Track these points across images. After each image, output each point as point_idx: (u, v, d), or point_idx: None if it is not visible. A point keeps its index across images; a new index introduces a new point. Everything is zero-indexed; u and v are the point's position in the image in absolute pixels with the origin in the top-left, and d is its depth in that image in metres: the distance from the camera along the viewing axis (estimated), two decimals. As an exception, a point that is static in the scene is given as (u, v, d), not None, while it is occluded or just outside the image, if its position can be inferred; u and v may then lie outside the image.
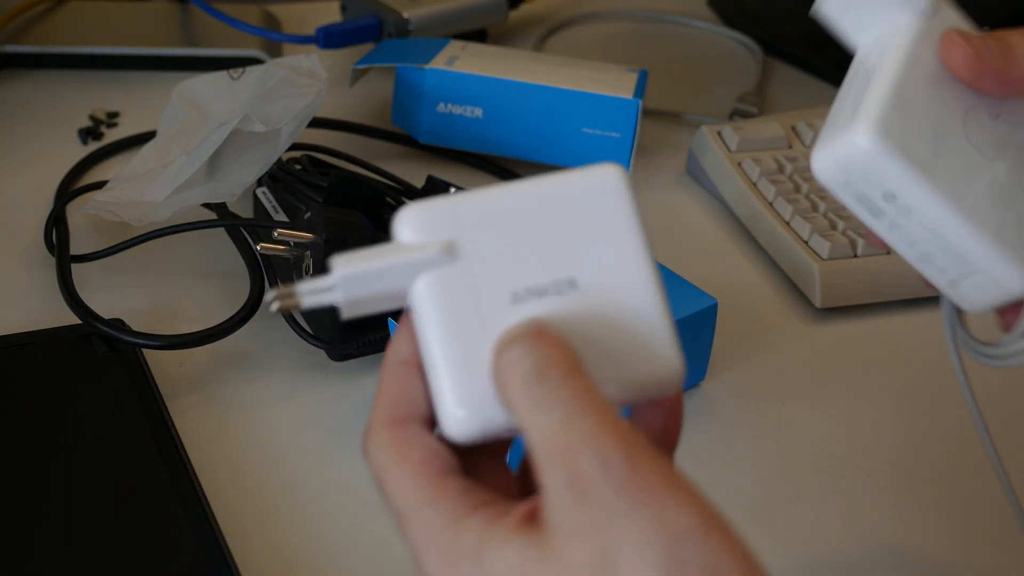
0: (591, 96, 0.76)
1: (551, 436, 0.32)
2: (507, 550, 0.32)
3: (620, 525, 0.30)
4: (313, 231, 0.60)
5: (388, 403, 0.38)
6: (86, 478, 0.53)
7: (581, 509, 0.31)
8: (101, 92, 0.85)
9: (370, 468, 0.37)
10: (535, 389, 0.33)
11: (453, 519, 0.34)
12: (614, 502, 0.30)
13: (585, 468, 0.31)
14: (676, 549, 0.30)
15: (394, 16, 0.86)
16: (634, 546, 0.30)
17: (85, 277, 0.65)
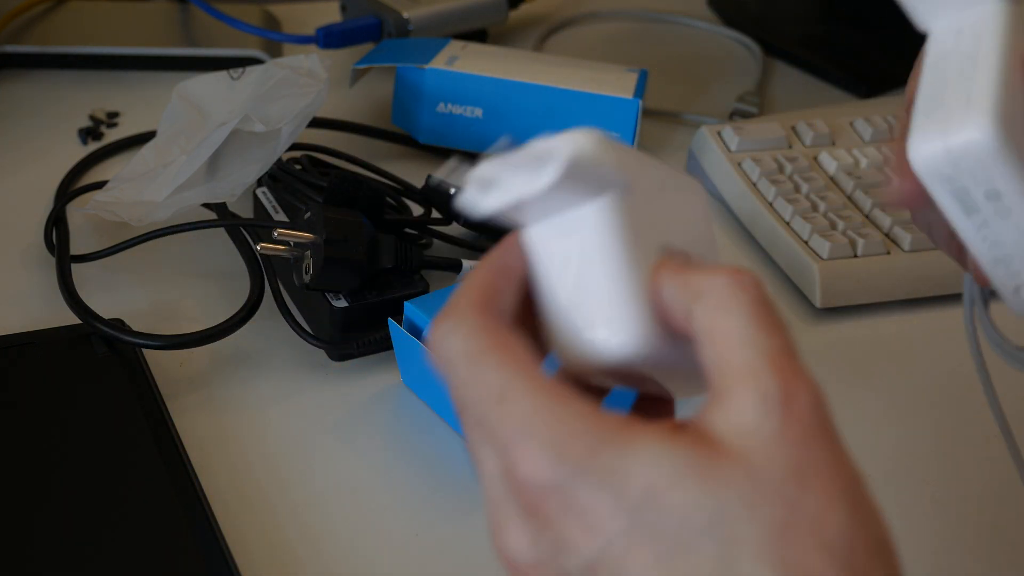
0: (591, 96, 0.76)
1: (775, 354, 0.32)
2: (662, 450, 0.31)
3: (821, 447, 0.31)
4: (313, 231, 0.60)
5: (482, 292, 0.35)
6: (86, 478, 0.53)
7: (784, 422, 0.31)
8: (101, 92, 0.85)
9: (443, 353, 0.35)
10: (763, 311, 0.33)
11: (575, 412, 0.32)
12: (817, 428, 0.31)
13: (799, 391, 0.32)
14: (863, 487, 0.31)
15: (394, 16, 0.86)
16: (831, 470, 0.31)
17: (85, 277, 0.65)
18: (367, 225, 0.62)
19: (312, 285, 0.61)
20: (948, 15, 0.40)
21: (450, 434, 0.59)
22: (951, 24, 0.40)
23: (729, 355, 0.32)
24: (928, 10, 0.40)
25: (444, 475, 0.57)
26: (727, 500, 0.31)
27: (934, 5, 0.40)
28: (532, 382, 0.33)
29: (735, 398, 0.32)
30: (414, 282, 0.63)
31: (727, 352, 0.33)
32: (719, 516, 0.30)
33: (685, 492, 0.31)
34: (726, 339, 0.33)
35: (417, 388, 0.61)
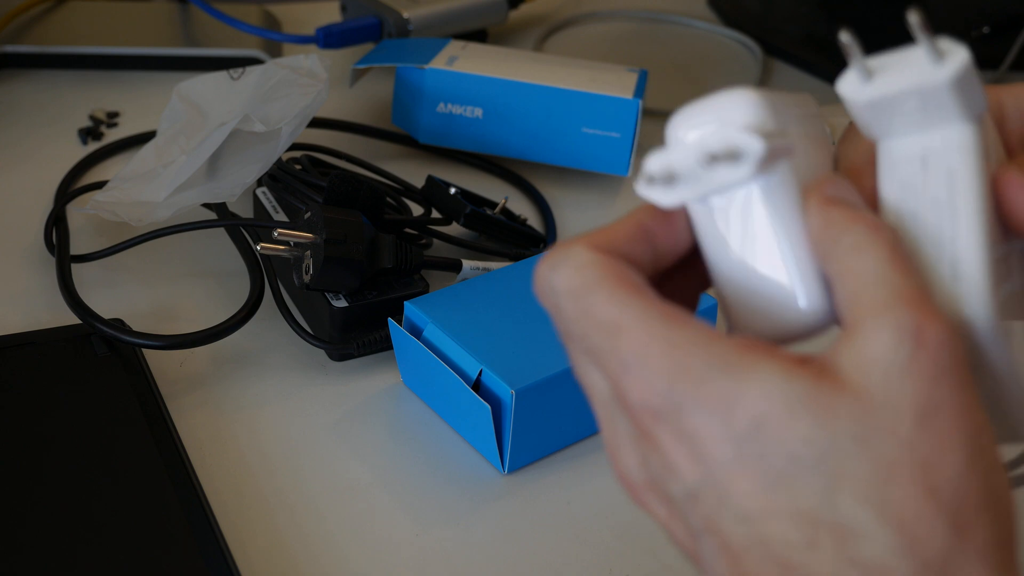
0: (591, 96, 0.76)
1: (911, 293, 0.32)
2: (777, 380, 0.31)
3: (950, 386, 0.31)
4: (313, 231, 0.60)
5: (602, 233, 0.35)
6: (86, 478, 0.53)
7: (914, 356, 0.30)
8: (101, 92, 0.85)
9: (548, 289, 0.34)
10: (899, 255, 0.33)
11: (690, 337, 0.32)
12: (949, 367, 0.31)
13: (934, 327, 0.31)
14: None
15: (394, 16, 0.86)
16: (955, 412, 0.31)
17: (85, 277, 0.65)
18: (367, 225, 0.62)
19: (312, 285, 0.61)
20: (908, 135, 0.35)
21: (450, 434, 0.59)
22: (912, 147, 0.35)
23: (863, 293, 0.32)
24: (884, 129, 0.36)
25: (444, 475, 0.57)
26: (837, 434, 0.30)
27: (892, 125, 0.35)
28: (646, 309, 0.33)
29: (866, 332, 0.31)
30: (414, 282, 0.63)
31: (862, 290, 0.32)
32: (828, 451, 0.30)
33: (795, 424, 0.30)
34: (861, 278, 0.32)
35: (417, 388, 0.61)
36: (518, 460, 0.57)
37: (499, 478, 0.57)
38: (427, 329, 0.58)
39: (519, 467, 0.57)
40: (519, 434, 0.55)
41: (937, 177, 0.34)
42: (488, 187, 0.77)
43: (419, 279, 0.64)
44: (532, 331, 0.58)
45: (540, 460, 0.57)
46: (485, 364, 0.55)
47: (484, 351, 0.56)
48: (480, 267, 0.66)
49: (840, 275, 0.33)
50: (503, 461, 0.56)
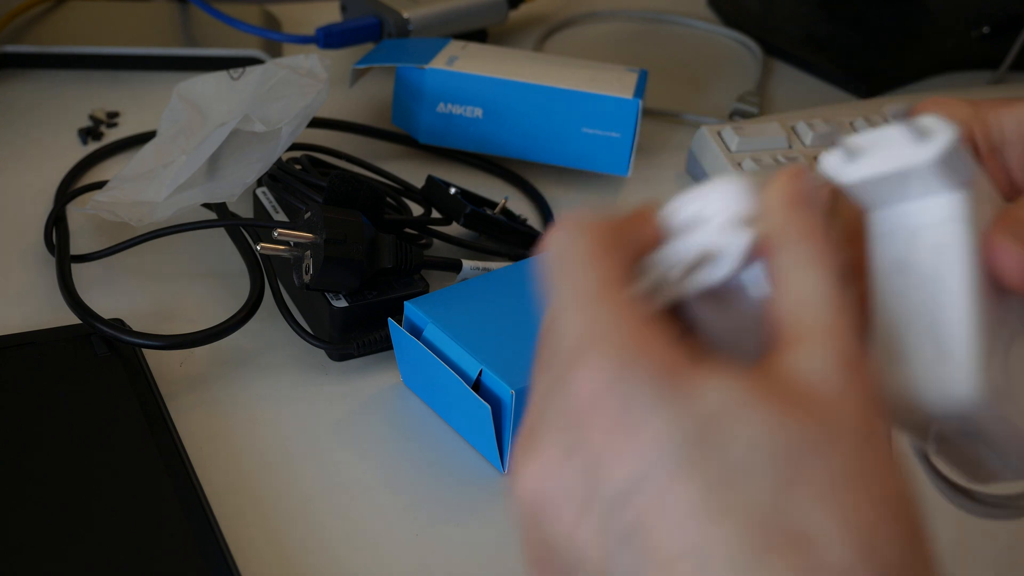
0: (591, 96, 0.76)
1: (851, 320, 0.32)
2: (733, 381, 0.31)
3: (878, 414, 0.31)
4: (313, 231, 0.60)
5: (617, 228, 0.35)
6: (86, 478, 0.53)
7: (855, 380, 0.31)
8: (101, 92, 0.85)
9: (552, 246, 0.34)
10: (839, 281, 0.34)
11: (656, 334, 0.32)
12: (877, 398, 0.31)
13: (864, 358, 0.32)
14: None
15: (394, 16, 0.86)
16: (887, 439, 0.31)
17: (85, 277, 0.66)
18: (367, 225, 0.62)
19: (312, 285, 0.61)
20: (896, 206, 0.35)
21: (450, 434, 0.59)
22: (900, 219, 0.35)
23: (804, 311, 0.32)
24: (871, 203, 0.35)
25: (444, 475, 0.57)
26: (794, 440, 0.30)
27: (879, 198, 0.35)
28: (623, 300, 0.32)
29: (809, 347, 0.31)
30: (414, 282, 0.63)
31: (805, 306, 0.32)
32: (783, 454, 0.30)
33: (752, 425, 0.30)
34: (805, 294, 0.33)
35: (417, 388, 0.61)
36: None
37: (499, 478, 0.57)
38: (427, 329, 0.58)
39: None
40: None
41: (925, 250, 0.34)
42: (488, 187, 0.77)
43: (419, 279, 0.64)
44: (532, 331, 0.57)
45: (540, 460, 0.57)
46: (485, 364, 0.56)
47: (484, 351, 0.56)
48: (480, 267, 0.66)
49: (783, 286, 0.33)
50: (503, 461, 0.56)
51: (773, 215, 0.34)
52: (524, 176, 0.79)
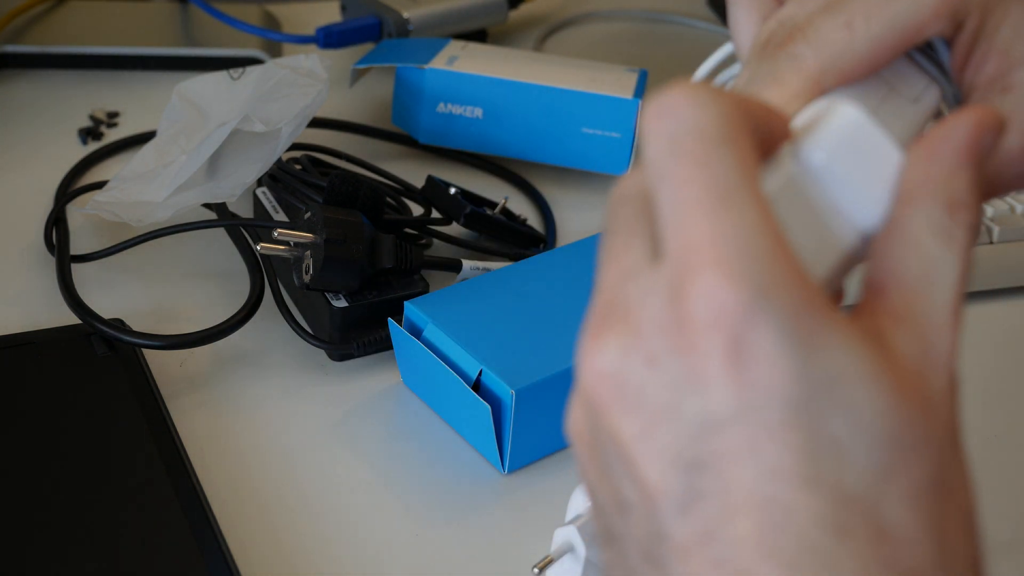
0: (591, 96, 0.76)
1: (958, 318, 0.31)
2: (865, 346, 0.28)
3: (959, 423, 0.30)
4: (313, 231, 0.60)
5: (748, 106, 0.30)
6: (86, 478, 0.53)
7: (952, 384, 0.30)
8: (101, 92, 0.85)
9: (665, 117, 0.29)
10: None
11: (797, 265, 0.28)
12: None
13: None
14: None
15: (394, 16, 0.86)
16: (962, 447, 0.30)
17: (85, 277, 0.65)
18: (367, 225, 0.62)
19: (312, 285, 0.61)
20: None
21: (450, 434, 0.59)
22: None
23: (926, 292, 0.30)
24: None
25: (444, 475, 0.57)
26: (901, 430, 0.28)
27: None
28: (763, 204, 0.28)
29: (922, 335, 0.29)
30: (414, 282, 0.63)
31: (927, 288, 0.30)
32: (888, 442, 0.28)
33: (867, 402, 0.28)
34: (931, 275, 0.30)
35: (417, 388, 0.61)
36: (518, 460, 0.57)
37: (499, 478, 0.57)
38: (427, 329, 0.58)
39: (519, 467, 0.57)
40: (519, 434, 0.55)
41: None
42: (488, 187, 0.77)
43: (419, 279, 0.64)
44: (532, 331, 0.58)
45: (540, 460, 0.57)
46: (485, 364, 0.55)
47: (484, 351, 0.56)
48: (480, 267, 0.66)
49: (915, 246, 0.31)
50: (503, 461, 0.56)
51: (938, 166, 0.31)
52: (524, 176, 0.79)
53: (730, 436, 0.28)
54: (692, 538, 0.28)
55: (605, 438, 0.29)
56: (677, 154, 0.29)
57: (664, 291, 0.28)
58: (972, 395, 0.51)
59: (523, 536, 0.54)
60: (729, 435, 0.28)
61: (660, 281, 0.29)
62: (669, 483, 0.28)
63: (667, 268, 0.29)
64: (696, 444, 0.28)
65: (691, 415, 0.28)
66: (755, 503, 0.27)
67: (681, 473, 0.28)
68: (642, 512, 0.29)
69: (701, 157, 0.29)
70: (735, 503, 0.27)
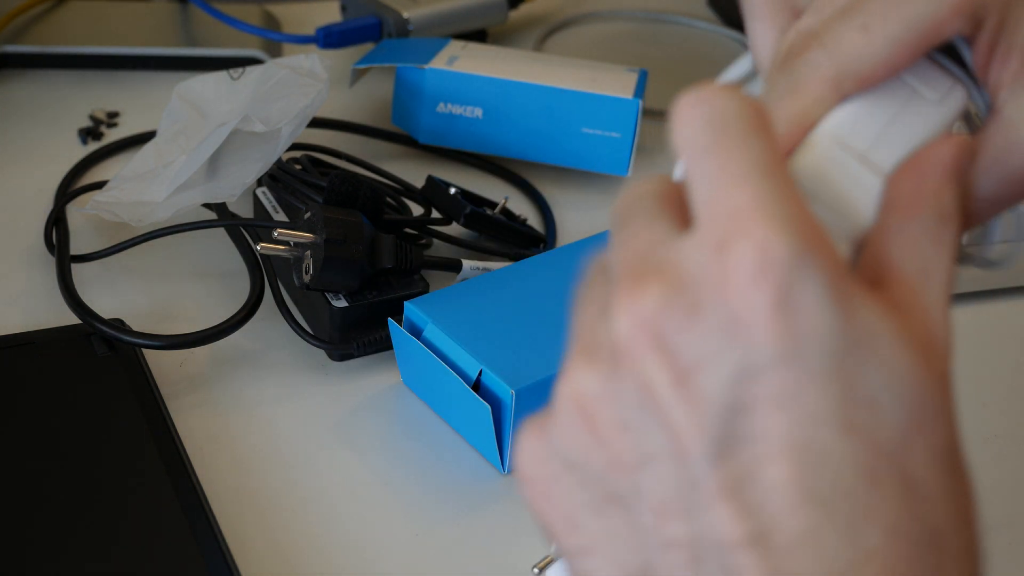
0: (591, 96, 0.76)
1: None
2: (892, 313, 0.30)
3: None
4: (313, 231, 0.60)
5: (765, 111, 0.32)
6: (86, 478, 0.53)
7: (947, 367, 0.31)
8: (101, 92, 0.85)
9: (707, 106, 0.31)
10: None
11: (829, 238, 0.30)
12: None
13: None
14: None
15: (394, 16, 0.86)
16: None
17: (85, 277, 0.65)
18: (367, 225, 0.62)
19: (312, 285, 0.61)
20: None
21: (450, 434, 0.59)
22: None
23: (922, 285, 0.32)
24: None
25: (444, 475, 0.57)
26: (925, 396, 0.29)
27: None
28: (792, 183, 0.30)
29: (926, 327, 0.31)
30: (414, 282, 0.63)
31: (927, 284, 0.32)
32: (914, 404, 0.29)
33: (897, 363, 0.29)
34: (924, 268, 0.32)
35: (417, 388, 0.61)
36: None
37: (499, 478, 0.57)
38: (427, 329, 0.58)
39: (519, 467, 0.57)
40: None
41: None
42: (488, 187, 0.77)
43: (419, 279, 0.64)
44: (532, 331, 0.58)
45: (540, 460, 0.57)
46: (485, 364, 0.55)
47: (484, 351, 0.56)
48: (480, 267, 0.66)
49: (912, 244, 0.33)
50: (503, 461, 0.56)
51: (930, 183, 0.33)
52: (524, 176, 0.79)
53: (771, 381, 0.28)
54: (728, 483, 0.28)
55: (628, 391, 0.30)
56: (718, 132, 0.31)
57: (706, 248, 0.29)
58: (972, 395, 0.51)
59: (523, 536, 0.54)
60: (770, 380, 0.28)
61: (700, 241, 0.30)
62: (706, 428, 0.29)
63: (707, 231, 0.30)
64: (736, 389, 0.28)
65: (733, 361, 0.28)
66: (793, 447, 0.28)
67: (719, 418, 0.29)
68: (670, 462, 0.29)
69: (741, 135, 0.30)
70: (773, 447, 0.28)
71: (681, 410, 0.29)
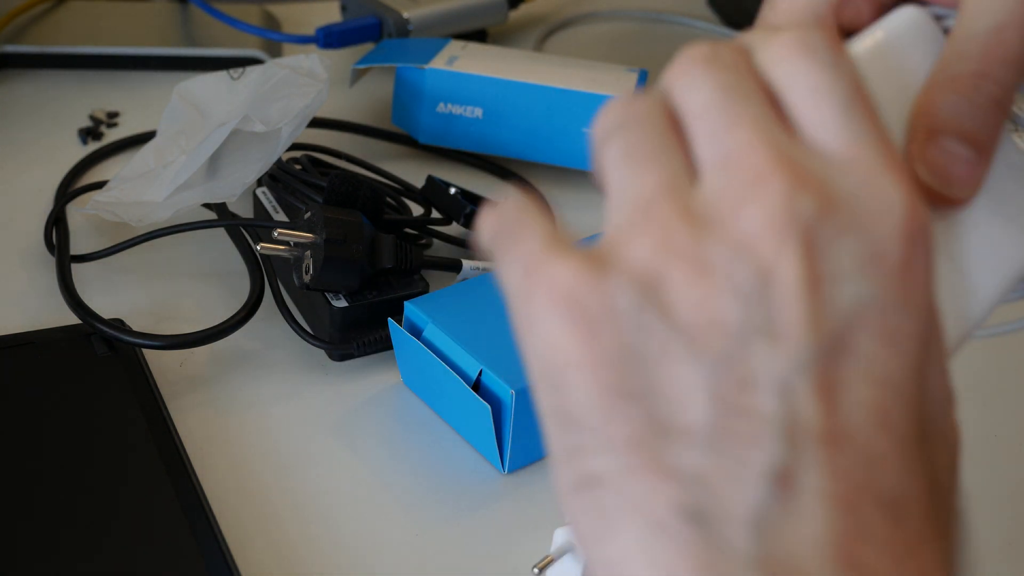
0: (591, 96, 0.76)
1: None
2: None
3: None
4: (313, 231, 0.60)
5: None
6: (86, 478, 0.53)
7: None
8: (101, 92, 0.85)
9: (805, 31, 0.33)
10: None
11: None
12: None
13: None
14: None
15: (394, 16, 0.86)
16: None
17: (85, 277, 0.65)
18: (367, 225, 0.62)
19: (312, 285, 0.61)
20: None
21: (450, 434, 0.59)
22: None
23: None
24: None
25: (444, 475, 0.57)
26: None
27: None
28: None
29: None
30: (414, 282, 0.63)
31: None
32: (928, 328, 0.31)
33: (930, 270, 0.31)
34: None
35: (417, 388, 0.61)
36: (518, 460, 0.57)
37: (499, 478, 0.57)
38: (427, 329, 0.58)
39: (519, 467, 0.57)
40: (519, 434, 0.55)
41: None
42: (488, 187, 0.77)
43: (419, 279, 0.64)
44: (532, 331, 0.58)
45: (540, 460, 0.57)
46: (485, 364, 0.55)
47: (484, 351, 0.56)
48: (480, 267, 0.66)
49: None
50: (503, 461, 0.56)
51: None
52: (524, 176, 0.79)
53: (890, 322, 0.30)
54: (825, 382, 0.29)
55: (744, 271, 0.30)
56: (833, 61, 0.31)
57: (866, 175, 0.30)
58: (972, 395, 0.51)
59: (523, 536, 0.54)
60: (889, 320, 0.30)
61: (859, 165, 0.30)
62: (821, 331, 0.29)
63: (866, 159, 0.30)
64: (858, 312, 0.29)
65: (864, 289, 0.29)
66: (889, 381, 0.30)
67: (834, 329, 0.29)
68: (773, 343, 0.29)
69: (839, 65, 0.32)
70: (874, 373, 0.29)
71: (802, 306, 0.29)
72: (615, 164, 0.32)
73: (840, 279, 0.29)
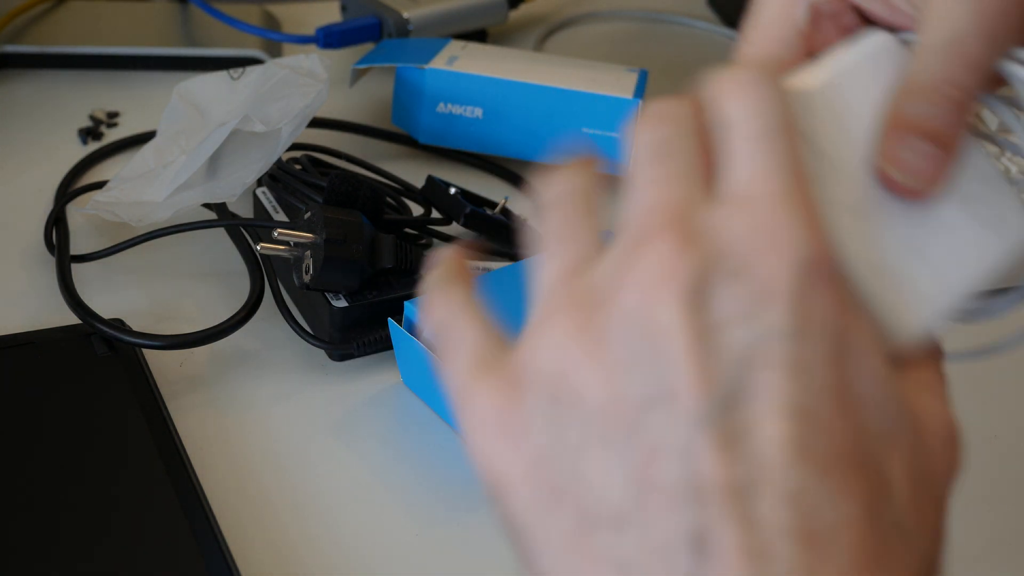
0: (591, 96, 0.76)
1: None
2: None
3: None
4: (313, 231, 0.60)
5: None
6: (86, 478, 0.53)
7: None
8: (101, 92, 0.85)
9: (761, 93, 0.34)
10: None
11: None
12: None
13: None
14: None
15: (394, 16, 0.86)
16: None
17: (85, 277, 0.65)
18: (367, 225, 0.62)
19: (312, 285, 0.61)
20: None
21: (450, 434, 0.59)
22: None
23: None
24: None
25: (444, 475, 0.57)
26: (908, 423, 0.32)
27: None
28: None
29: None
30: (414, 282, 0.63)
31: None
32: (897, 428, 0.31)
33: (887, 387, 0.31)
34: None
35: (417, 388, 0.61)
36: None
37: (499, 478, 0.57)
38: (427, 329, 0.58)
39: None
40: None
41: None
42: (488, 187, 0.77)
43: (419, 279, 0.64)
44: (532, 331, 0.58)
45: (540, 460, 0.57)
46: (485, 364, 0.55)
47: (484, 351, 0.56)
48: (480, 267, 0.66)
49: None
50: (503, 461, 0.56)
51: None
52: (524, 176, 0.79)
53: (786, 350, 0.29)
54: (725, 436, 0.29)
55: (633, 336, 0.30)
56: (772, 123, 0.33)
57: (750, 226, 0.30)
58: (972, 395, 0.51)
59: (523, 536, 0.54)
60: (785, 349, 0.29)
61: (743, 219, 0.31)
62: (715, 384, 0.29)
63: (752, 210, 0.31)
64: (750, 352, 0.29)
65: (756, 328, 0.29)
66: (796, 410, 0.29)
67: (728, 376, 0.29)
68: (670, 407, 0.29)
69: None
70: (776, 406, 0.29)
71: (690, 362, 0.29)
72: (543, 245, 0.34)
73: (728, 325, 0.29)
